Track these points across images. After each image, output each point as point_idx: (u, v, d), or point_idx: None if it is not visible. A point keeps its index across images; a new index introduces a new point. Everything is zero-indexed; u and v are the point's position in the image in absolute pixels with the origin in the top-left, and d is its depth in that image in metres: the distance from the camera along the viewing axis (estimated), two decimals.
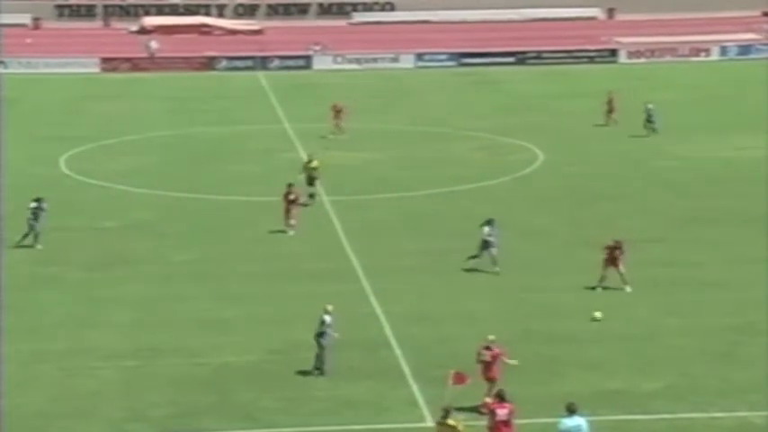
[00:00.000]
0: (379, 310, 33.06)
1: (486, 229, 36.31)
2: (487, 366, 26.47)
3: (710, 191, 47.20)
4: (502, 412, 23.56)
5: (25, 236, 39.10)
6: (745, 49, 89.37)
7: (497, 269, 35.92)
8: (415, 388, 27.63)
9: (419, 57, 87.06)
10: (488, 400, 25.73)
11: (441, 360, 28.38)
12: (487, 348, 26.64)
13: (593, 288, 34.31)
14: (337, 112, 59.29)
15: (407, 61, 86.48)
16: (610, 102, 61.48)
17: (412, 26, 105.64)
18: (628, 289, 34.37)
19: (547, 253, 38.51)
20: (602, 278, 34.52)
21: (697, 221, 42.09)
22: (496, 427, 23.57)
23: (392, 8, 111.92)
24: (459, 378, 25.26)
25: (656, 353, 29.81)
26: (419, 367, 28.71)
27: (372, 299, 34.09)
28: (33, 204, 39.44)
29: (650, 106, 58.74)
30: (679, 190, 47.41)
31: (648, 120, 58.31)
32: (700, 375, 28.32)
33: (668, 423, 25.83)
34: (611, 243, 34.79)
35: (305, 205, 42.94)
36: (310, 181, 44.86)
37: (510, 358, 26.76)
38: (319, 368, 28.36)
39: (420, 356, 29.45)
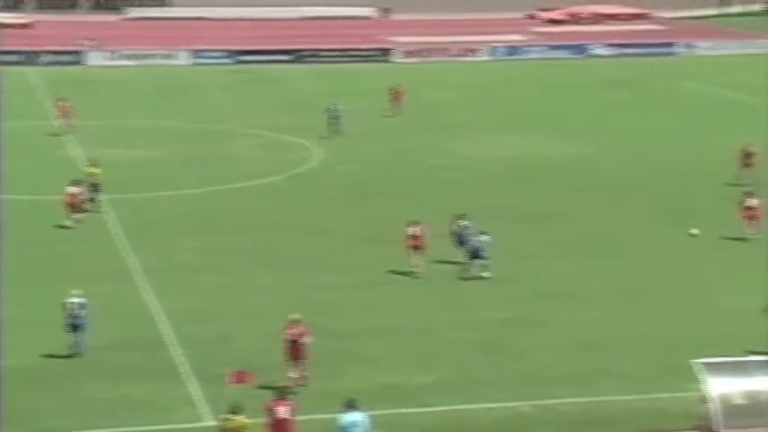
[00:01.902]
0: (157, 309, 32.71)
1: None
2: (293, 345, 26.73)
3: (484, 188, 48.36)
4: (282, 410, 23.61)
5: None
6: (512, 49, 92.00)
7: None
8: (193, 387, 27.46)
9: (195, 54, 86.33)
10: (294, 375, 26.11)
11: (220, 358, 28.31)
12: (291, 328, 26.82)
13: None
14: (64, 108, 57.24)
15: (183, 58, 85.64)
16: (395, 93, 62.59)
17: (188, 23, 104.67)
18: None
19: (325, 250, 38.80)
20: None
21: (472, 218, 43.06)
22: (276, 424, 23.55)
23: (163, 3, 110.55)
24: (240, 376, 25.22)
25: (432, 347, 30.43)
26: (198, 366, 28.54)
27: (150, 297, 33.70)
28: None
29: (337, 107, 59.07)
30: (455, 187, 48.42)
31: (331, 120, 58.78)
32: (474, 368, 29.06)
33: (441, 415, 26.38)
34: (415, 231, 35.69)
35: (86, 211, 41.91)
36: (93, 187, 43.28)
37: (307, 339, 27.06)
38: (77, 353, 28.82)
39: (199, 355, 29.28)
